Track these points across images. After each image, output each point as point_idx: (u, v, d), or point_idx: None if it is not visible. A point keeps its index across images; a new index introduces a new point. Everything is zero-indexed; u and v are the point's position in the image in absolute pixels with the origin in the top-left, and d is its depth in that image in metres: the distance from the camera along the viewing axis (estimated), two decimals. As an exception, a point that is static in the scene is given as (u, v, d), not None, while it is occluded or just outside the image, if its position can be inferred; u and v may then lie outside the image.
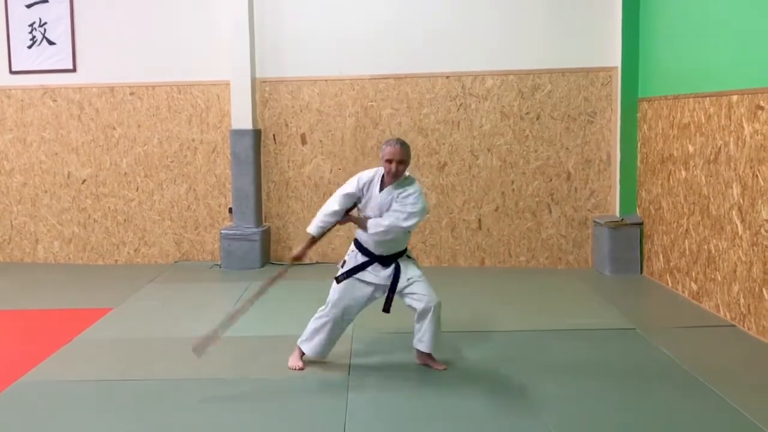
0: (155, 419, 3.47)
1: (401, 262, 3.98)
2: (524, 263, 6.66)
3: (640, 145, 6.29)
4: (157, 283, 6.22)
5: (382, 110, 6.66)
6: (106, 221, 7.02)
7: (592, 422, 3.37)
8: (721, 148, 4.91)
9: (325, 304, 4.04)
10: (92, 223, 7.03)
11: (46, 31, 6.88)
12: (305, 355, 4.08)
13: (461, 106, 6.57)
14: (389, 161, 3.84)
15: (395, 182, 3.89)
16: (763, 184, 4.41)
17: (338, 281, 3.98)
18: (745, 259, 4.63)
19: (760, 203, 4.44)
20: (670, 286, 5.75)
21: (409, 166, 3.96)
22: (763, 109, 4.40)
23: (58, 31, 6.87)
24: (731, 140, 4.77)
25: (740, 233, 4.67)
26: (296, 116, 6.78)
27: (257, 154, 6.74)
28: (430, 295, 3.92)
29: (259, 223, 6.78)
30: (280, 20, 6.71)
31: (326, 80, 6.70)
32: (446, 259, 6.73)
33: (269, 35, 6.72)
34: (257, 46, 6.71)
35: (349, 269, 3.97)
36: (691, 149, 5.35)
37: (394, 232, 3.83)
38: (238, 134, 6.68)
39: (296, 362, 4.06)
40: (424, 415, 3.47)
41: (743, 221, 4.64)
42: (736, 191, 4.72)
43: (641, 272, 6.25)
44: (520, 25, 6.47)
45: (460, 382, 3.86)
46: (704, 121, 5.14)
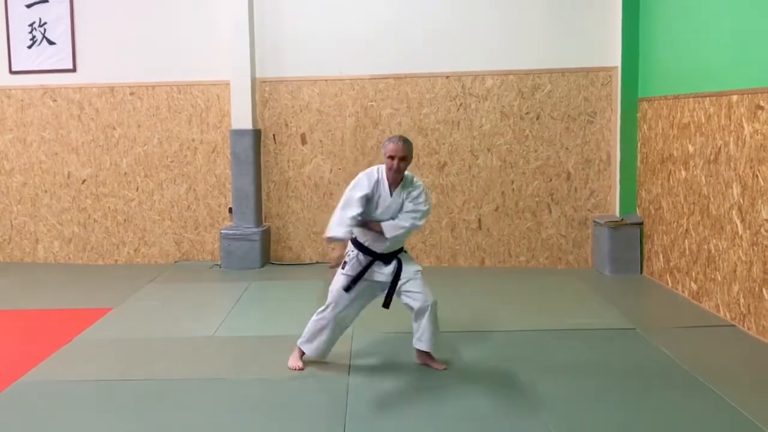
0: (155, 419, 3.47)
1: (401, 257, 4.01)
2: (524, 263, 6.66)
3: (640, 145, 6.28)
4: (157, 283, 6.22)
5: (382, 110, 6.66)
6: (106, 221, 7.02)
7: (592, 422, 3.37)
8: (721, 148, 4.91)
9: (325, 304, 4.03)
10: (92, 223, 7.03)
11: (46, 31, 6.88)
12: (305, 355, 4.09)
13: (461, 106, 6.57)
14: (391, 158, 3.85)
15: (401, 182, 3.91)
16: (763, 184, 4.41)
17: (347, 290, 3.94)
18: (745, 258, 4.62)
19: (760, 203, 4.44)
20: (670, 286, 5.74)
21: (410, 164, 3.97)
22: (763, 109, 4.40)
23: (58, 31, 6.87)
24: (731, 140, 4.77)
25: (740, 233, 4.67)
26: (296, 116, 6.78)
27: (257, 154, 6.74)
28: (426, 293, 3.93)
29: (259, 223, 6.78)
30: (280, 20, 6.71)
31: (326, 80, 6.70)
32: (446, 259, 6.73)
33: (269, 35, 6.72)
34: (257, 46, 6.72)
35: (355, 275, 3.94)
36: (691, 149, 5.35)
37: (411, 232, 3.97)
38: (238, 134, 6.68)
39: (296, 362, 4.06)
40: (424, 415, 3.47)
41: (743, 221, 4.64)
42: (736, 191, 4.72)
43: (641, 272, 6.24)
44: (520, 25, 6.47)
45: (460, 381, 3.86)
46: (704, 121, 5.14)
